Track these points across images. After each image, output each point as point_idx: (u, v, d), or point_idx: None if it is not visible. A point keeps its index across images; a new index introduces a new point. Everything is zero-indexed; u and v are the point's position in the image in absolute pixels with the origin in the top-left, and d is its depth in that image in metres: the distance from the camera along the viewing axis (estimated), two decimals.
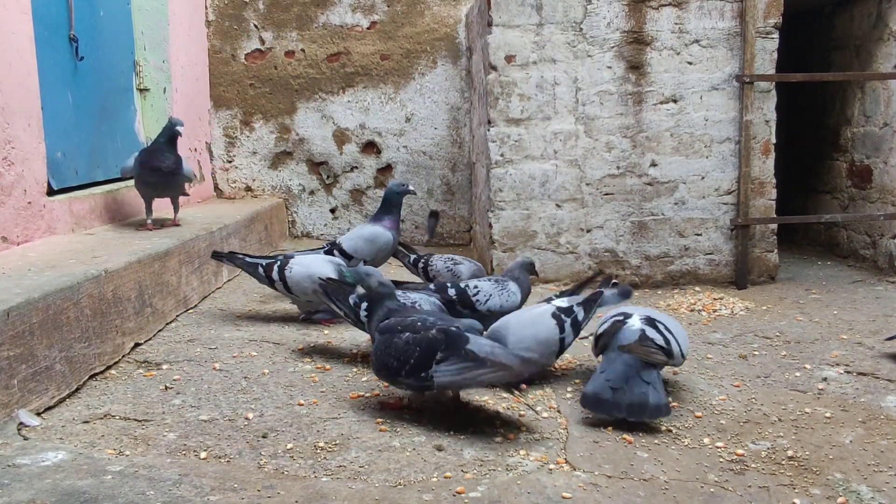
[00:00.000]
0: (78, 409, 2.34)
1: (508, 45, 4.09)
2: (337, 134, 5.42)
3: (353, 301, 2.71)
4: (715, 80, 4.10)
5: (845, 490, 1.92)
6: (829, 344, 3.10)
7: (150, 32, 4.58)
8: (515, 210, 4.15)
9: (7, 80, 3.04)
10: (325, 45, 5.36)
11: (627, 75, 4.11)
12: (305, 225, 5.53)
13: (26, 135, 3.17)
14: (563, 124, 4.12)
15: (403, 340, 2.30)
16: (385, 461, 2.04)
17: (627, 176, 4.14)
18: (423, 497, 1.84)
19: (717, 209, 4.16)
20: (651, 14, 4.07)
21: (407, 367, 2.26)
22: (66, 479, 1.86)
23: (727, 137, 4.12)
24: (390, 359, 2.30)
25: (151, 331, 3.05)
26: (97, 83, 4.01)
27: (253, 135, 5.45)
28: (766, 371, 2.79)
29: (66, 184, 3.63)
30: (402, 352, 2.29)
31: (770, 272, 4.21)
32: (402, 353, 2.28)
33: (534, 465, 2.04)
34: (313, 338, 3.14)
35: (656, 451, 2.12)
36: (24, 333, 2.22)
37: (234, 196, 5.49)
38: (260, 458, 2.06)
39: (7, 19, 3.06)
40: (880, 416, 2.37)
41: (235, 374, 2.69)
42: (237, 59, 5.39)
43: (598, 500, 1.86)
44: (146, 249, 3.13)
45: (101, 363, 2.63)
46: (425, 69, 5.34)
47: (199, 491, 1.83)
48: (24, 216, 3.15)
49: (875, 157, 4.51)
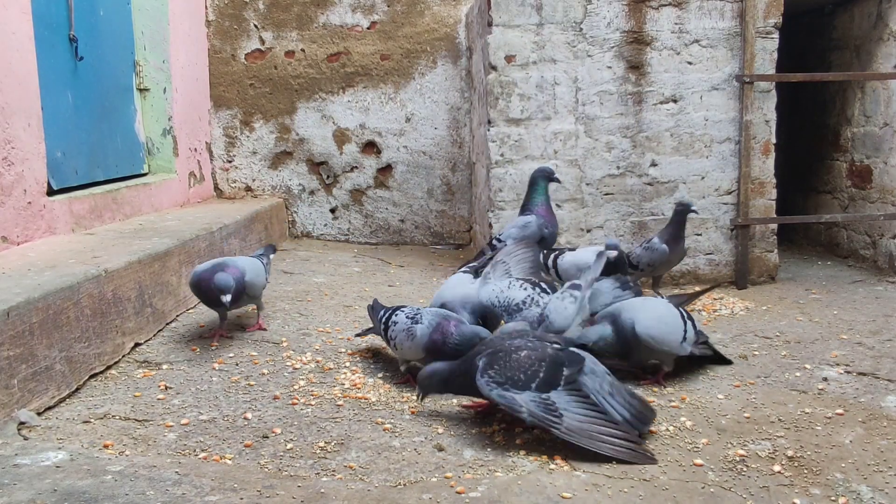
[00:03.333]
0: (78, 409, 2.34)
1: (508, 45, 4.09)
2: (337, 134, 5.42)
3: (380, 316, 2.76)
4: (715, 80, 4.10)
5: (845, 490, 1.92)
6: (829, 344, 3.10)
7: (150, 32, 4.58)
8: (515, 210, 4.15)
9: (7, 80, 3.04)
10: (325, 45, 5.36)
11: (627, 75, 4.10)
12: (305, 225, 5.53)
13: (26, 135, 3.17)
14: (563, 124, 4.12)
15: (524, 355, 2.19)
16: (385, 461, 2.04)
17: (627, 176, 4.14)
18: (423, 497, 1.84)
19: (717, 209, 4.16)
20: (651, 14, 4.07)
21: (536, 382, 2.13)
22: (66, 479, 1.86)
23: (727, 137, 4.12)
24: (516, 372, 2.14)
25: (151, 331, 3.05)
26: (97, 83, 4.01)
27: (253, 135, 5.45)
28: (766, 371, 2.79)
29: (66, 184, 3.64)
30: (525, 366, 2.15)
31: (770, 272, 4.21)
32: (527, 367, 2.15)
33: (534, 465, 2.04)
34: (313, 338, 3.14)
35: (656, 452, 2.12)
36: (24, 333, 2.22)
37: (234, 196, 5.49)
38: (260, 458, 2.06)
39: (7, 19, 3.06)
40: (880, 416, 2.37)
41: (235, 374, 2.69)
42: (237, 59, 5.39)
43: (598, 500, 1.86)
44: (146, 249, 3.13)
45: (101, 363, 2.63)
46: (425, 69, 5.34)
47: (199, 491, 1.83)
48: (24, 216, 3.15)
49: (875, 157, 4.51)
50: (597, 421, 2.09)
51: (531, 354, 2.19)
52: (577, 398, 2.12)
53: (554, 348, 2.24)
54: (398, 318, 2.67)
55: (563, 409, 2.07)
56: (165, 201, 4.55)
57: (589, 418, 2.08)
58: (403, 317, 2.66)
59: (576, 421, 2.06)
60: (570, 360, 2.19)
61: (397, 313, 2.71)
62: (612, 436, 2.06)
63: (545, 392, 2.10)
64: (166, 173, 4.71)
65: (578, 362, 2.19)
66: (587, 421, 2.07)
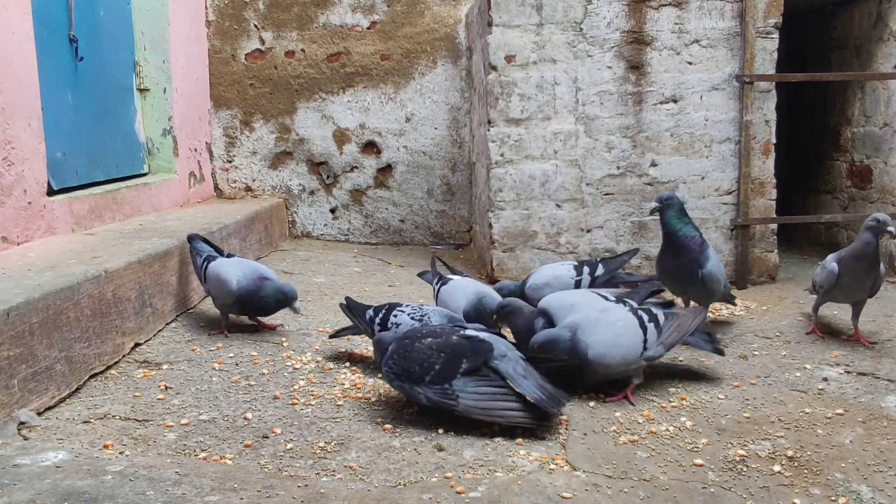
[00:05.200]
0: (78, 409, 2.34)
1: (508, 45, 4.09)
2: (337, 134, 5.42)
3: (369, 316, 2.78)
4: (715, 80, 4.10)
5: (845, 490, 1.92)
6: (829, 344, 3.10)
7: (150, 32, 4.58)
8: (515, 210, 4.15)
9: (7, 80, 3.04)
10: (325, 45, 5.36)
11: (627, 75, 4.10)
12: (305, 225, 5.53)
13: (26, 135, 3.17)
14: (563, 124, 4.12)
15: (427, 344, 2.27)
16: (385, 461, 2.04)
17: (627, 176, 4.14)
18: (423, 497, 1.84)
19: (717, 209, 4.16)
20: (651, 14, 4.07)
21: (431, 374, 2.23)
22: (66, 479, 1.86)
23: (727, 137, 4.12)
24: (412, 364, 2.25)
25: (151, 331, 3.05)
26: (97, 83, 4.01)
27: (253, 135, 5.45)
28: (766, 371, 2.79)
29: (66, 184, 3.64)
30: (423, 357, 2.25)
31: (770, 272, 4.21)
32: (426, 360, 2.24)
33: (534, 465, 2.04)
34: (313, 338, 3.14)
35: (656, 452, 2.12)
36: (24, 333, 2.22)
37: (234, 196, 5.49)
38: (260, 458, 2.06)
39: (7, 19, 3.06)
40: (880, 416, 2.37)
41: (235, 374, 2.69)
42: (237, 59, 5.39)
43: (598, 500, 1.86)
44: (146, 249, 3.13)
45: (101, 363, 2.63)
46: (425, 69, 5.34)
47: (199, 491, 1.83)
48: (24, 216, 3.15)
49: (875, 157, 4.51)
50: (495, 398, 2.22)
51: (433, 343, 2.28)
52: (477, 381, 2.23)
53: (460, 336, 2.30)
54: (400, 319, 2.66)
55: (459, 391, 2.21)
56: (165, 201, 4.55)
57: (486, 397, 2.21)
58: (407, 318, 2.65)
59: (472, 401, 2.20)
60: (473, 351, 2.25)
61: (396, 313, 2.70)
62: (506, 409, 2.21)
63: (438, 385, 2.22)
64: (166, 173, 4.71)
65: (483, 353, 2.26)
66: (484, 399, 2.21)
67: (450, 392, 2.21)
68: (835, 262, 3.04)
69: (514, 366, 2.28)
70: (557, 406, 2.25)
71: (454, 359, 2.24)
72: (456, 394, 2.21)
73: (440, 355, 2.25)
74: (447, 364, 2.23)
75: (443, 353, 2.25)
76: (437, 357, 2.25)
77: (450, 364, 2.23)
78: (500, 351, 2.28)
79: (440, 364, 2.23)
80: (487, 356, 2.26)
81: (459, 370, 2.23)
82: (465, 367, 2.23)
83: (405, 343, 2.32)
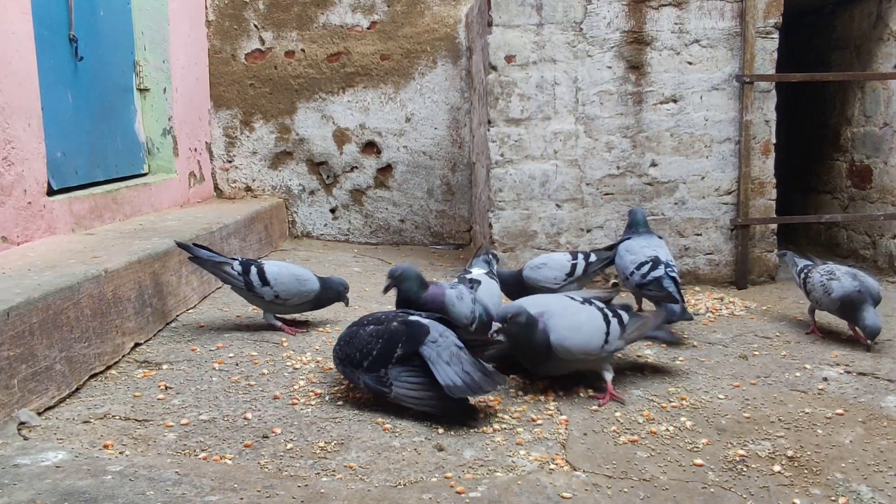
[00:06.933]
0: (78, 409, 2.34)
1: (508, 45, 4.09)
2: (337, 134, 5.42)
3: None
4: (715, 80, 4.10)
5: (845, 490, 1.92)
6: (829, 344, 3.10)
7: (150, 32, 4.58)
8: (515, 210, 4.15)
9: (7, 80, 3.04)
10: (325, 45, 5.36)
11: (627, 75, 4.11)
12: (305, 225, 5.53)
13: (26, 135, 3.17)
14: (563, 124, 4.12)
15: (369, 331, 2.39)
16: (385, 461, 2.04)
17: (627, 176, 4.14)
18: (423, 497, 1.84)
19: (717, 209, 4.16)
20: (651, 14, 4.07)
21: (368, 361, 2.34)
22: (66, 479, 1.86)
23: (727, 137, 4.12)
24: (354, 350, 2.36)
25: (151, 331, 3.05)
26: (97, 83, 4.01)
27: (253, 135, 5.45)
28: (766, 371, 2.79)
29: (66, 184, 3.64)
30: (363, 344, 2.36)
31: (770, 272, 4.21)
32: (365, 346, 2.35)
33: (534, 465, 2.04)
34: (313, 338, 3.14)
35: (656, 452, 2.12)
36: (24, 333, 2.22)
37: (234, 196, 5.49)
38: (260, 458, 2.05)
39: (7, 19, 3.06)
40: (880, 416, 2.37)
41: (235, 374, 2.69)
42: (237, 59, 5.39)
43: (598, 500, 1.86)
44: (146, 249, 3.13)
45: (101, 363, 2.63)
46: (425, 69, 5.34)
47: (199, 491, 1.83)
48: (24, 216, 3.15)
49: (875, 157, 4.51)
50: (420, 387, 2.31)
51: (374, 331, 2.39)
52: (409, 370, 2.32)
53: (399, 321, 2.39)
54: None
55: (393, 379, 2.31)
56: (165, 201, 4.55)
57: (414, 386, 2.31)
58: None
59: (403, 389, 2.31)
60: (409, 337, 2.33)
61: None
62: (428, 398, 2.29)
63: (374, 371, 2.33)
64: (166, 173, 4.71)
65: (418, 339, 2.33)
66: (413, 388, 2.31)
67: (384, 379, 2.31)
68: (839, 297, 3.04)
69: (440, 351, 2.32)
70: (477, 393, 2.29)
71: (390, 346, 2.34)
72: (390, 381, 2.31)
73: (378, 342, 2.35)
74: (383, 351, 2.33)
75: (381, 339, 2.36)
76: (375, 343, 2.35)
77: (385, 351, 2.33)
78: (431, 337, 2.35)
79: (377, 350, 2.34)
80: (421, 341, 2.33)
81: (394, 357, 2.32)
82: (400, 354, 2.32)
83: (353, 329, 2.45)
